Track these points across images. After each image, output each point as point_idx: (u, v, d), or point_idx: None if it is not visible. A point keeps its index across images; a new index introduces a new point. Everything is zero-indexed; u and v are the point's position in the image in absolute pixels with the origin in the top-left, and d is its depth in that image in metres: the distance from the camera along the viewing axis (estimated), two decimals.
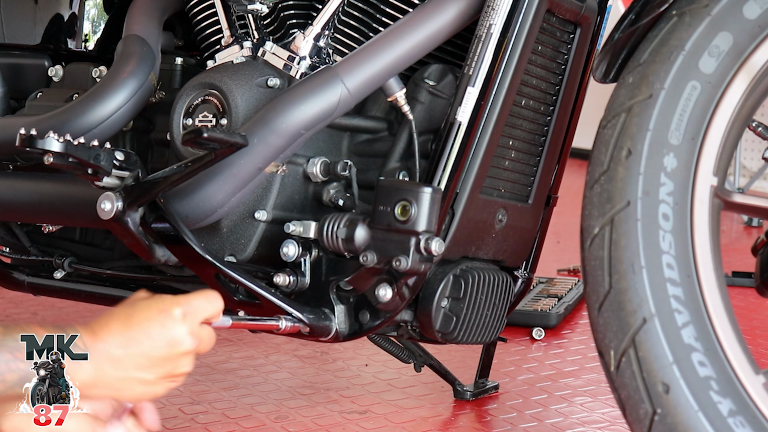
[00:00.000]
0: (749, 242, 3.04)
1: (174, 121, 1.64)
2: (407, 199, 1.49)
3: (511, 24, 1.55)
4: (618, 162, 1.34)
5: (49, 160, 1.44)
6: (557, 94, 1.68)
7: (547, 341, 2.41)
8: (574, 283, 2.80)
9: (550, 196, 1.78)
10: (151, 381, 1.30)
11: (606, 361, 1.31)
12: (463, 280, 1.59)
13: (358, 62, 1.56)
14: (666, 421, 1.26)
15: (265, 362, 2.18)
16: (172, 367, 1.31)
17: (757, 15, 1.36)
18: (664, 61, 1.35)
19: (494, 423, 1.90)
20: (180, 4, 1.80)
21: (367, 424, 1.86)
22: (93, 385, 1.27)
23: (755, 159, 4.54)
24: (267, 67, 1.64)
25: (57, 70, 1.88)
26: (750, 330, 2.51)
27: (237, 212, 1.60)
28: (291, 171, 1.61)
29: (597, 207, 1.34)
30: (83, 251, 1.86)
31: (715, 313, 1.30)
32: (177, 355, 1.30)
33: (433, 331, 1.60)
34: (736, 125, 1.37)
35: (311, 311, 1.56)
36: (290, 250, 1.58)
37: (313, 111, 1.55)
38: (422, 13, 1.58)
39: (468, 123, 1.55)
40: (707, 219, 1.34)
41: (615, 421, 1.90)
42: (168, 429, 1.82)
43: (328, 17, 1.64)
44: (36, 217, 1.80)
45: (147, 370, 1.29)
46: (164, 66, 1.78)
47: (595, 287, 1.32)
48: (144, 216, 1.55)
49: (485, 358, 2.03)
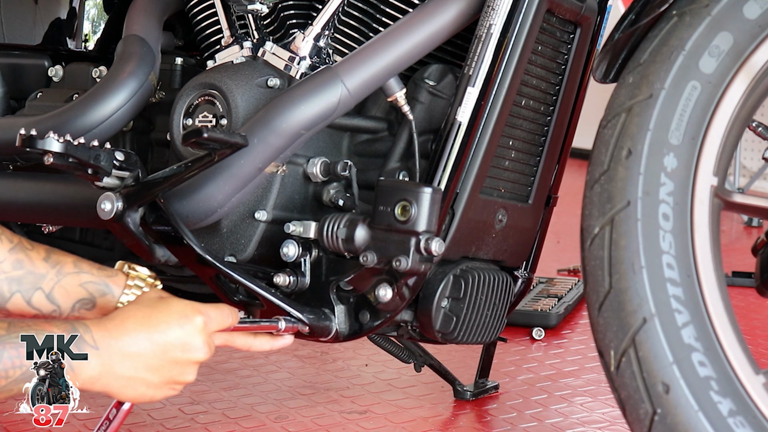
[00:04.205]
0: (749, 242, 3.05)
1: (174, 121, 1.64)
2: (407, 199, 1.49)
3: (511, 24, 1.55)
4: (618, 162, 1.34)
5: (49, 160, 1.44)
6: (557, 94, 1.68)
7: (547, 341, 2.41)
8: (574, 283, 2.80)
9: (550, 196, 1.78)
10: (154, 384, 1.30)
11: (606, 361, 1.31)
12: (463, 280, 1.59)
13: (358, 62, 1.56)
14: (666, 421, 1.26)
15: (265, 362, 2.18)
16: (178, 372, 1.31)
17: (757, 15, 1.36)
18: (665, 61, 1.35)
19: (494, 423, 1.90)
20: (180, 4, 1.80)
21: (367, 424, 1.86)
22: (97, 381, 1.27)
23: (755, 159, 4.54)
24: (267, 68, 1.64)
25: (57, 70, 1.88)
26: (750, 330, 2.51)
27: (237, 212, 1.60)
28: (291, 171, 1.61)
29: (597, 207, 1.34)
30: (83, 251, 1.86)
31: (715, 313, 1.30)
32: (187, 361, 1.32)
33: (433, 331, 1.60)
34: (736, 125, 1.37)
35: (311, 311, 1.56)
36: (290, 250, 1.58)
37: (313, 111, 1.55)
38: (422, 13, 1.58)
39: (468, 123, 1.55)
40: (707, 219, 1.34)
41: (615, 421, 1.90)
42: (168, 429, 1.82)
43: (328, 17, 1.64)
44: (36, 217, 1.80)
45: (155, 372, 1.30)
46: (164, 66, 1.78)
47: (595, 287, 1.32)
48: (144, 216, 1.54)
49: (485, 358, 2.03)
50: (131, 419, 1.82)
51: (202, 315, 1.33)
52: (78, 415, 1.66)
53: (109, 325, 1.29)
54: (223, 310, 1.38)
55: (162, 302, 1.33)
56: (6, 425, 1.77)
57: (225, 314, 1.38)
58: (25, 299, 1.39)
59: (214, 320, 1.36)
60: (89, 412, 1.37)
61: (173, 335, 1.31)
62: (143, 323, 1.30)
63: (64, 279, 1.40)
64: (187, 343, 1.31)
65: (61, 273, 1.41)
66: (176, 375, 1.32)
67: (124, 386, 1.29)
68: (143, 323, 1.30)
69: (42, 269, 1.40)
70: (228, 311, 1.39)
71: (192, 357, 1.32)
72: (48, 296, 1.40)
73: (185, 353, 1.31)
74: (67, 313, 1.40)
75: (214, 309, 1.37)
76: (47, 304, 1.40)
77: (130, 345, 1.28)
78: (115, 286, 1.43)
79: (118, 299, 1.42)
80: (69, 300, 1.41)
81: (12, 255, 1.39)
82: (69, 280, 1.41)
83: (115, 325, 1.29)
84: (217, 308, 1.38)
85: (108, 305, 1.42)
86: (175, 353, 1.31)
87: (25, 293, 1.39)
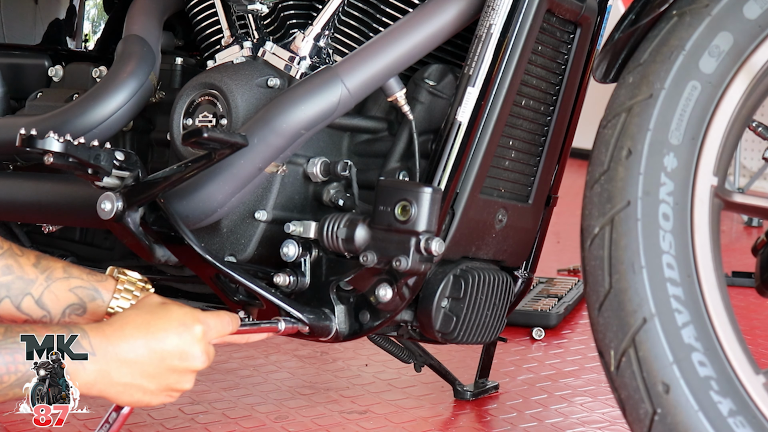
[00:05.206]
0: (749, 242, 3.04)
1: (174, 121, 1.64)
2: (407, 199, 1.49)
3: (511, 24, 1.55)
4: (618, 162, 1.34)
5: (49, 160, 1.44)
6: (557, 94, 1.68)
7: (547, 341, 2.41)
8: (574, 283, 2.80)
9: (550, 196, 1.78)
10: (151, 390, 1.30)
11: (606, 361, 1.31)
12: (463, 280, 1.59)
13: (358, 62, 1.56)
14: (666, 421, 1.26)
15: (265, 362, 2.18)
16: (175, 380, 1.31)
17: (758, 15, 1.36)
18: (665, 61, 1.35)
19: (494, 423, 1.90)
20: (180, 4, 1.80)
21: (367, 424, 1.86)
22: (93, 386, 1.27)
23: (755, 159, 4.54)
24: (267, 67, 1.64)
25: (57, 70, 1.88)
26: (750, 330, 2.51)
27: (237, 212, 1.60)
28: (291, 171, 1.61)
29: (597, 207, 1.34)
30: (83, 251, 1.86)
31: (715, 313, 1.30)
32: (185, 370, 1.32)
33: (433, 331, 1.60)
34: (736, 125, 1.37)
35: (311, 311, 1.56)
36: (290, 250, 1.58)
37: (313, 111, 1.55)
38: (422, 13, 1.58)
39: (468, 123, 1.55)
40: (707, 219, 1.34)
41: (615, 421, 1.90)
42: (168, 429, 1.82)
43: (328, 17, 1.64)
44: (36, 217, 1.80)
45: (152, 380, 1.30)
46: (164, 66, 1.78)
47: (595, 287, 1.32)
48: (144, 216, 1.54)
49: (485, 358, 2.03)
50: (131, 419, 1.82)
51: (201, 324, 1.33)
52: (78, 415, 1.66)
53: (107, 330, 1.28)
54: (223, 318, 1.38)
55: (162, 309, 1.33)
56: (6, 425, 1.77)
57: (225, 322, 1.38)
58: (14, 304, 1.39)
59: (214, 329, 1.35)
60: (89, 412, 1.37)
61: (171, 343, 1.30)
62: (142, 330, 1.29)
63: (54, 284, 1.40)
64: (185, 352, 1.31)
65: (50, 278, 1.41)
66: (173, 383, 1.31)
67: (121, 392, 1.29)
68: (142, 330, 1.29)
69: (31, 275, 1.40)
70: (228, 319, 1.39)
71: (189, 366, 1.32)
72: (38, 301, 1.40)
73: (182, 362, 1.31)
74: (58, 318, 1.40)
75: (213, 317, 1.36)
76: (37, 310, 1.40)
77: (128, 351, 1.28)
78: (104, 290, 1.43)
79: (108, 304, 1.42)
80: (59, 305, 1.41)
81: (1, 260, 1.39)
82: (58, 286, 1.41)
83: (114, 331, 1.28)
84: (217, 316, 1.37)
85: (98, 310, 1.42)
86: (172, 361, 1.30)
87: (14, 299, 1.39)
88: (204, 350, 1.33)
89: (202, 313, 1.35)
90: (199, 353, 1.32)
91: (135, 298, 1.44)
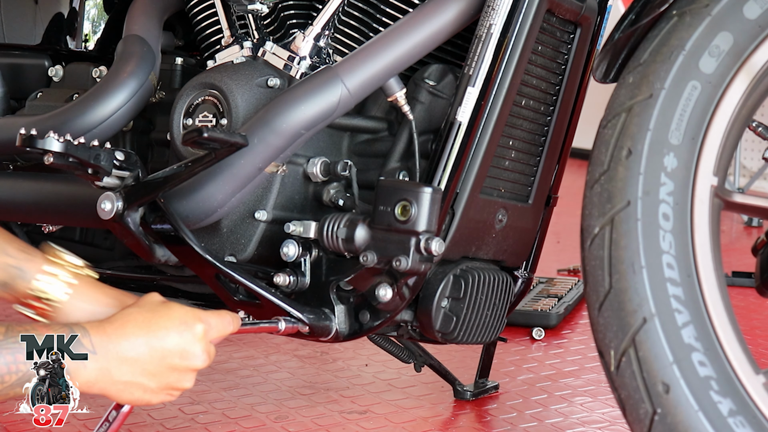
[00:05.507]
0: (749, 242, 3.05)
1: (174, 121, 1.64)
2: (407, 199, 1.49)
3: (511, 24, 1.55)
4: (618, 162, 1.34)
5: (49, 160, 1.44)
6: (557, 94, 1.69)
7: (547, 341, 2.41)
8: (574, 283, 2.80)
9: (550, 196, 1.78)
10: (151, 389, 1.30)
11: (606, 361, 1.31)
12: (463, 280, 1.59)
13: (358, 62, 1.56)
14: (666, 421, 1.26)
15: (265, 362, 2.18)
16: (175, 379, 1.31)
17: (758, 15, 1.36)
18: (665, 61, 1.35)
19: (494, 423, 1.90)
20: (180, 4, 1.80)
21: (367, 424, 1.86)
22: (94, 384, 1.27)
23: (755, 159, 4.55)
24: (267, 67, 1.64)
25: (57, 70, 1.88)
26: (750, 330, 2.51)
27: (237, 212, 1.60)
28: (291, 171, 1.61)
29: (597, 207, 1.34)
30: (83, 251, 1.85)
31: (715, 313, 1.30)
32: (185, 368, 1.32)
33: (433, 331, 1.60)
34: (736, 125, 1.37)
35: (311, 311, 1.56)
36: (290, 250, 1.58)
37: (313, 111, 1.55)
38: (422, 13, 1.58)
39: (468, 123, 1.55)
40: (707, 219, 1.34)
41: (615, 421, 1.90)
42: (168, 429, 1.82)
43: (328, 17, 1.64)
44: (36, 217, 1.80)
45: (152, 378, 1.30)
46: (164, 66, 1.78)
47: (595, 287, 1.32)
48: (144, 216, 1.55)
49: (485, 358, 2.03)
50: (131, 419, 1.82)
51: (203, 323, 1.33)
52: (78, 415, 1.66)
53: (108, 328, 1.28)
54: (224, 317, 1.38)
55: (163, 307, 1.33)
56: (6, 425, 1.77)
57: (226, 321, 1.38)
58: None
59: (215, 328, 1.35)
60: (89, 412, 1.37)
61: (172, 342, 1.30)
62: (143, 328, 1.29)
63: None
64: (186, 351, 1.31)
65: None
66: (174, 381, 1.31)
67: (121, 390, 1.29)
68: (143, 328, 1.29)
69: None
70: (229, 318, 1.39)
71: (190, 364, 1.32)
72: None
73: (183, 360, 1.31)
74: None
75: (215, 316, 1.36)
76: None
77: (128, 350, 1.28)
78: (30, 270, 1.37)
79: (29, 284, 1.37)
80: None
81: None
82: None
83: (114, 329, 1.28)
84: (219, 315, 1.37)
85: (18, 288, 1.37)
86: (173, 360, 1.30)
87: None
88: (205, 349, 1.33)
89: (203, 312, 1.35)
90: (199, 352, 1.32)
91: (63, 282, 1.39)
